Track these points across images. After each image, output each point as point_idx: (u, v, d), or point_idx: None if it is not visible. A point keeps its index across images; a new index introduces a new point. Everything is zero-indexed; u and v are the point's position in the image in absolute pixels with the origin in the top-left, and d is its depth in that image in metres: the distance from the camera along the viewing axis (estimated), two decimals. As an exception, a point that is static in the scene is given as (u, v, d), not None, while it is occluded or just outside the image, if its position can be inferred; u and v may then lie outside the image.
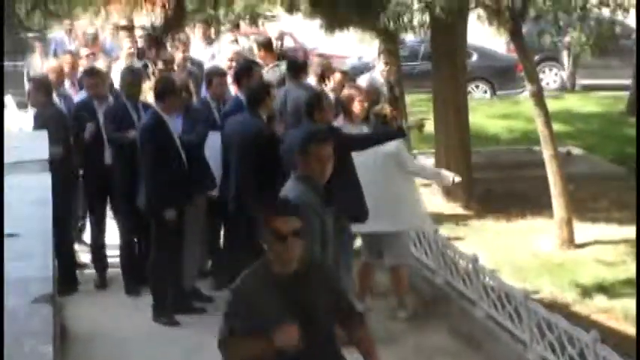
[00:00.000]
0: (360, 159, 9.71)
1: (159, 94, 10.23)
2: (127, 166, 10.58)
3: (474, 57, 26.11)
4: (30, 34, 18.77)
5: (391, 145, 10.15)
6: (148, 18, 16.15)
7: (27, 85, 16.57)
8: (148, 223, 10.30)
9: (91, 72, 11.80)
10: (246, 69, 11.47)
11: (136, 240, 11.14)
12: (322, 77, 12.63)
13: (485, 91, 26.73)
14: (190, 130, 10.44)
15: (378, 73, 13.22)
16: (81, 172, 11.38)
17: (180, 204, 9.92)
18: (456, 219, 13.75)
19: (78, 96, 12.33)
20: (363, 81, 13.02)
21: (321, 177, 7.32)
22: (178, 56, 13.79)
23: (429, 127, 13.15)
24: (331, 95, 11.16)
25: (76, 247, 11.75)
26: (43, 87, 11.38)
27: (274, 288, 5.46)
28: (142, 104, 10.93)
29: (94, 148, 11.02)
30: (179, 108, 10.35)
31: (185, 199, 10.01)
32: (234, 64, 12.97)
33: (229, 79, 11.90)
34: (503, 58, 26.23)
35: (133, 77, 11.27)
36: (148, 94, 11.45)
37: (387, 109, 10.94)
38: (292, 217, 5.49)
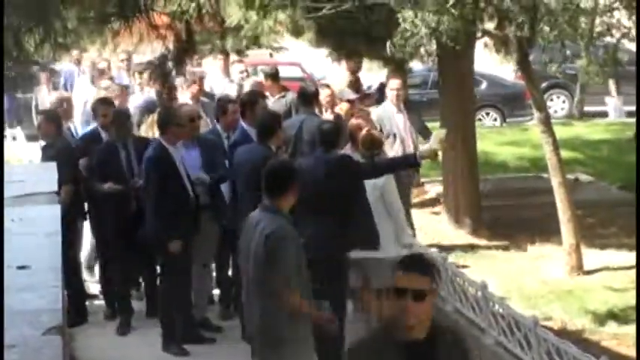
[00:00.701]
0: None
1: (160, 126, 10.30)
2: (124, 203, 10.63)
3: (484, 85, 26.21)
4: (37, 68, 18.81)
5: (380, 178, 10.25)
6: (158, 50, 16.20)
7: (34, 117, 16.63)
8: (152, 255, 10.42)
9: (106, 101, 11.86)
10: (250, 100, 11.48)
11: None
12: (328, 107, 12.73)
13: (495, 119, 26.77)
14: (211, 162, 10.58)
15: (389, 104, 13.13)
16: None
17: (186, 235, 9.92)
18: (464, 246, 13.74)
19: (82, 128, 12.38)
20: (374, 114, 12.97)
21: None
22: (194, 89, 13.73)
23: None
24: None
25: (85, 277, 11.77)
26: (53, 119, 11.43)
27: (397, 356, 4.69)
28: (132, 144, 10.80)
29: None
30: (183, 138, 10.37)
31: (190, 230, 10.02)
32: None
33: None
34: (513, 85, 26.26)
35: (121, 118, 11.09)
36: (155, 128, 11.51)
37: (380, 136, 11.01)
38: (419, 276, 4.65)
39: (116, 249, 10.75)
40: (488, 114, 26.75)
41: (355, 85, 14.68)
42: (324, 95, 12.92)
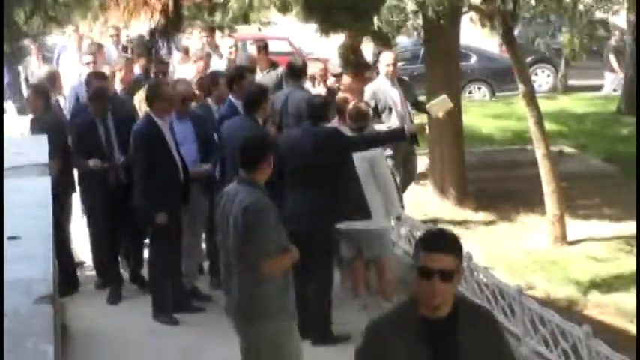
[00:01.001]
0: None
1: (148, 100, 10.29)
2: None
3: (473, 59, 26.24)
4: (28, 40, 18.70)
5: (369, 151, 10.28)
6: (146, 24, 16.14)
7: (24, 88, 16.53)
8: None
9: (101, 75, 11.83)
10: (238, 74, 11.49)
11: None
12: (321, 80, 12.76)
13: (485, 94, 26.79)
14: (203, 135, 10.68)
15: (383, 78, 13.01)
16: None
17: (175, 207, 9.92)
18: (450, 218, 13.77)
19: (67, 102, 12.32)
20: (369, 90, 12.92)
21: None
22: (200, 66, 13.73)
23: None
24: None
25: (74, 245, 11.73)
26: (42, 93, 11.40)
27: (419, 333, 4.56)
28: (112, 120, 10.69)
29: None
30: (171, 112, 10.34)
31: (179, 202, 10.02)
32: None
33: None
34: (502, 59, 26.22)
35: (100, 94, 10.93)
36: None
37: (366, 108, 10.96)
38: (444, 255, 4.47)
39: (104, 221, 10.72)
40: (479, 88, 26.76)
41: (356, 60, 14.78)
42: (317, 69, 12.98)
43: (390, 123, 12.45)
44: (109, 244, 10.93)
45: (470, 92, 26.49)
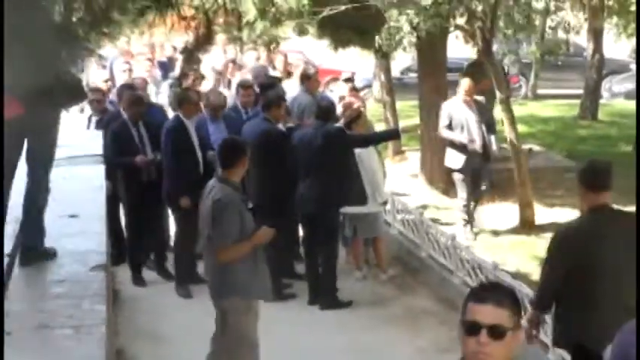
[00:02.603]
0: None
1: (178, 103, 10.32)
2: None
3: None
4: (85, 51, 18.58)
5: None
6: (182, 38, 16.17)
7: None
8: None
9: (130, 86, 11.77)
10: (269, 84, 11.71)
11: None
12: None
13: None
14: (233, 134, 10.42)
15: (459, 99, 12.49)
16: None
17: (194, 194, 9.71)
18: (436, 204, 13.76)
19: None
20: (445, 108, 12.38)
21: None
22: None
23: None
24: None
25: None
26: (101, 96, 11.53)
27: None
28: (143, 124, 10.36)
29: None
30: (195, 113, 10.26)
31: (198, 190, 9.87)
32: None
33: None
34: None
35: (135, 101, 10.63)
36: None
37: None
38: (495, 308, 3.17)
39: (135, 210, 10.46)
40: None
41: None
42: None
43: (462, 138, 11.99)
44: (138, 230, 10.61)
45: None
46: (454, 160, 12.16)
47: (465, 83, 12.11)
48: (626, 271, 5.60)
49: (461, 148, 12.02)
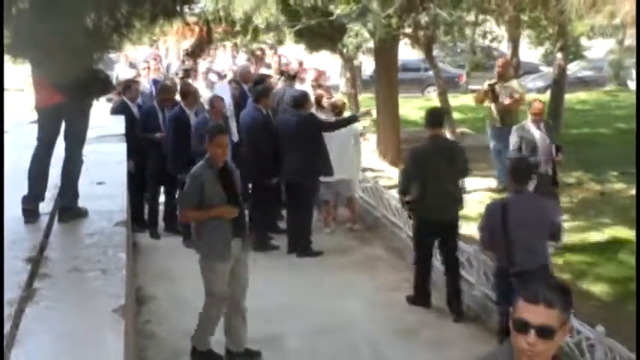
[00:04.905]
0: (336, 133, 9.98)
1: (181, 95, 10.16)
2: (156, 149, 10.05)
3: (430, 71, 26.16)
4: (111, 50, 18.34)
5: (356, 129, 10.51)
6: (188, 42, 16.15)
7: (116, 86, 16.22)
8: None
9: (134, 81, 11.56)
10: (260, 79, 11.65)
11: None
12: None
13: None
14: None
15: (529, 121, 10.82)
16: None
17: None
18: (387, 173, 13.77)
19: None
20: (515, 130, 10.03)
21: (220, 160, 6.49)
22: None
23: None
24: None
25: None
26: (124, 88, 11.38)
27: None
28: (168, 109, 10.12)
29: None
30: (195, 104, 10.05)
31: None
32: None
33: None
34: (449, 71, 25.95)
35: (163, 89, 10.59)
36: None
37: (340, 102, 11.03)
38: (546, 308, 2.63)
39: (154, 178, 10.27)
40: (435, 90, 26.68)
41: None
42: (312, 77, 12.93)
43: (533, 159, 9.45)
44: (155, 195, 10.43)
45: (428, 92, 26.23)
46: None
47: (536, 107, 9.89)
48: (446, 173, 7.76)
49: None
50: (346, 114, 11.04)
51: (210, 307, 6.52)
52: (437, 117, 8.06)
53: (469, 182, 12.63)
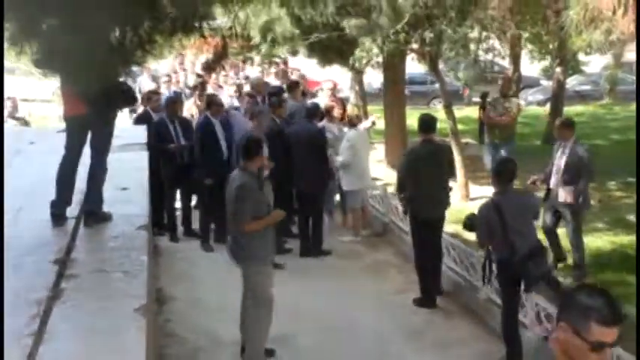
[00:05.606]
0: (364, 145, 10.43)
1: (207, 105, 10.13)
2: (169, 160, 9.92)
3: (437, 84, 26.03)
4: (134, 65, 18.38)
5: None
6: (205, 56, 16.16)
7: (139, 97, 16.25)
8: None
9: (155, 92, 11.59)
10: (276, 91, 11.64)
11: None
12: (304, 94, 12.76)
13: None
14: None
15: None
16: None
17: (218, 177, 9.09)
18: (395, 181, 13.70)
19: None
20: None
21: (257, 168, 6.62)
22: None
23: (382, 125, 13.24)
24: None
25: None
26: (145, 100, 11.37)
27: None
28: (177, 120, 10.05)
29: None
30: (220, 114, 9.99)
31: (222, 175, 9.62)
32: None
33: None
34: (453, 84, 25.84)
35: (171, 102, 10.34)
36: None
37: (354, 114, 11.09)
38: (617, 328, 2.56)
39: (171, 186, 10.16)
40: (440, 102, 26.61)
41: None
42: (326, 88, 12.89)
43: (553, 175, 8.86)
44: (172, 202, 10.33)
45: (433, 104, 26.04)
46: None
47: (557, 123, 9.24)
48: (434, 175, 8.08)
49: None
50: (360, 126, 10.99)
51: (260, 313, 6.41)
52: (428, 123, 8.20)
53: (472, 190, 12.66)
